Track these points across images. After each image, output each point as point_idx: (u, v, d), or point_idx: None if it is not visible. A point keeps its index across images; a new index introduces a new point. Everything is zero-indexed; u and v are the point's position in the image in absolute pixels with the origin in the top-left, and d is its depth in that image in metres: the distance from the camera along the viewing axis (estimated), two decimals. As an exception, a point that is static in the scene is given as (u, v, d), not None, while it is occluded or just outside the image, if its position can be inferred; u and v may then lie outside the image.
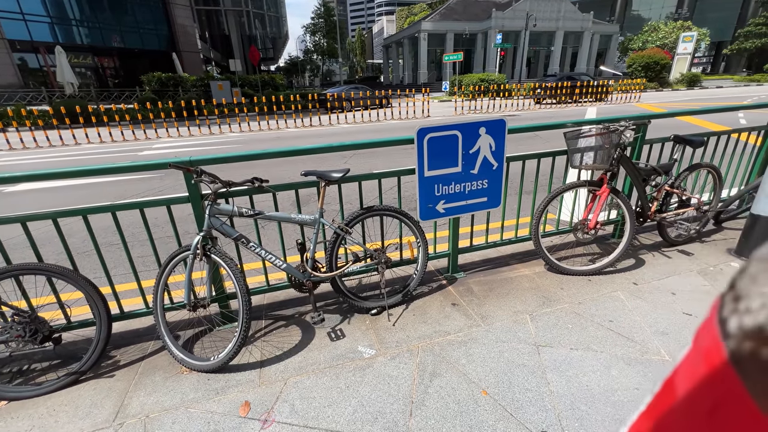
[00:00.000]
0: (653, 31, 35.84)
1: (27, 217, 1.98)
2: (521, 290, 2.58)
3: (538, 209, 2.68)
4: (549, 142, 7.48)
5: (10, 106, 14.25)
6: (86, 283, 1.96)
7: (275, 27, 54.39)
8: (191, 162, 2.00)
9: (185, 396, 1.83)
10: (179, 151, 9.10)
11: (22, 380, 1.99)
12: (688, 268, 2.79)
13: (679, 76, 27.79)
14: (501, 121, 2.40)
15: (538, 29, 32.91)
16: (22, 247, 2.07)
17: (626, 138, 2.55)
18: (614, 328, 2.17)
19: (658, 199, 2.92)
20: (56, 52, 16.71)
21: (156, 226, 2.23)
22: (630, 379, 1.81)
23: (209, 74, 25.09)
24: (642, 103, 17.02)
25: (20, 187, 5.82)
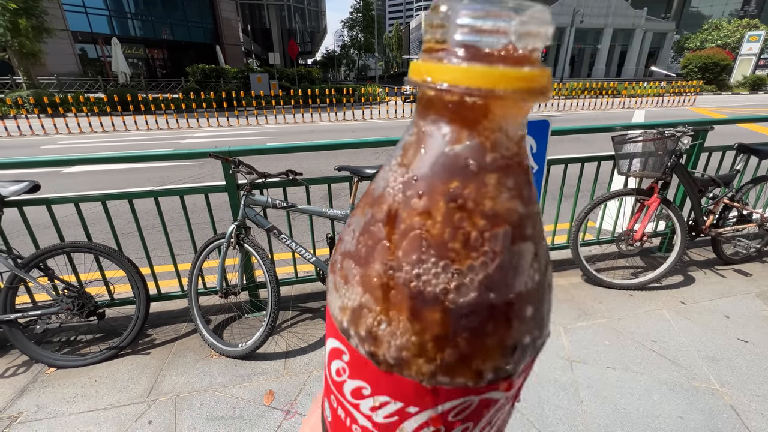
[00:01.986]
0: (714, 30, 33.14)
1: (79, 198, 2.11)
2: (555, 301, 2.46)
3: (579, 217, 2.54)
4: (592, 145, 7.10)
5: (71, 93, 15.40)
6: (129, 263, 2.06)
7: (314, 21, 55.23)
8: (230, 152, 2.04)
9: (213, 380, 1.89)
10: (218, 141, 9.46)
11: (69, 350, 2.13)
12: (745, 289, 2.55)
13: (742, 78, 25.56)
14: (544, 121, 2.28)
15: (585, 26, 31.35)
16: (73, 225, 2.21)
17: (683, 145, 2.35)
18: (657, 349, 2.02)
19: (715, 212, 2.68)
20: (112, 44, 17.84)
21: (193, 212, 2.32)
22: (674, 407, 1.68)
23: (249, 67, 25.92)
24: (697, 107, 15.81)
25: (75, 169, 6.26)
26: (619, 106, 16.44)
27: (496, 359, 0.18)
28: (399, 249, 0.17)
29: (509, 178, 0.17)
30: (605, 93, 18.49)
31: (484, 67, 0.15)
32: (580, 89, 18.92)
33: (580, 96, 18.65)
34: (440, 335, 0.17)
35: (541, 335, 0.20)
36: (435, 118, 0.17)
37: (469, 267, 0.17)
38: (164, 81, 22.73)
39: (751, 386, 1.77)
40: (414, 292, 0.17)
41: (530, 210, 0.18)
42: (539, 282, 0.19)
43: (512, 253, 0.17)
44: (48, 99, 13.32)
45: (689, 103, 17.25)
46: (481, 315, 0.17)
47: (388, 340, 0.18)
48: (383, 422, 0.20)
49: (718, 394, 1.73)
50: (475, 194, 0.17)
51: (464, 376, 0.18)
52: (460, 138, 0.17)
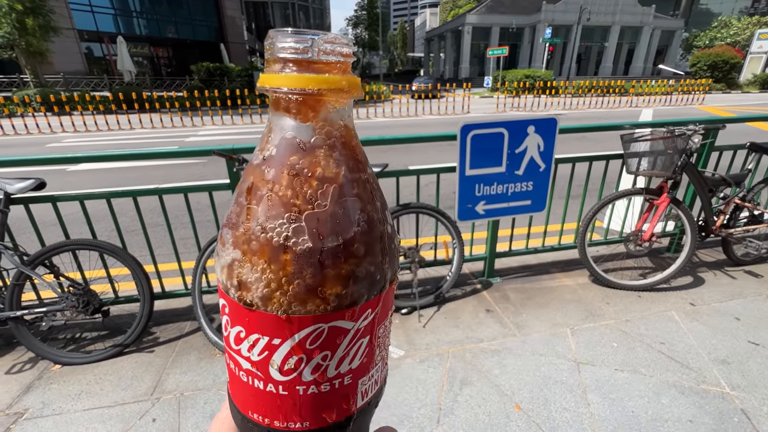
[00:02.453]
0: (723, 27, 32.66)
1: (84, 195, 2.11)
2: (562, 301, 2.43)
3: (587, 216, 2.50)
4: (599, 143, 7.03)
5: (77, 91, 15.50)
6: (133, 261, 2.06)
7: (318, 19, 55.17)
8: (234, 150, 2.03)
9: (217, 378, 1.88)
10: (222, 139, 9.48)
11: (74, 347, 2.13)
12: (756, 291, 2.50)
13: (752, 77, 25.18)
14: (552, 120, 2.24)
15: (592, 23, 31.00)
16: (79, 222, 2.21)
17: (693, 144, 2.31)
18: (666, 352, 1.98)
19: (726, 212, 2.63)
20: (118, 42, 17.93)
21: (197, 210, 2.32)
22: (683, 410, 1.65)
23: (253, 65, 25.93)
24: (706, 106, 15.61)
25: (80, 167, 6.30)
26: (626, 105, 16.27)
27: (335, 289, 0.23)
28: (257, 210, 0.23)
29: (335, 151, 0.23)
30: (612, 91, 18.29)
31: (297, 74, 0.22)
32: (586, 87, 18.74)
33: (586, 94, 18.47)
34: (289, 272, 0.22)
35: (376, 274, 0.24)
36: (275, 112, 0.23)
37: (307, 217, 0.22)
38: (169, 79, 22.81)
39: (762, 390, 1.74)
40: (270, 242, 0.22)
41: (355, 176, 0.24)
42: (368, 229, 0.24)
43: (339, 205, 0.23)
44: (54, 97, 13.41)
45: (698, 102, 17.03)
46: (318, 253, 0.22)
47: (252, 284, 0.23)
48: (258, 359, 0.24)
49: (728, 398, 1.70)
50: (308, 164, 0.22)
51: (311, 304, 0.22)
52: (293, 125, 0.23)
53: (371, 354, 0.26)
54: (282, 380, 0.24)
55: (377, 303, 0.25)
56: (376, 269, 0.24)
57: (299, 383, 0.24)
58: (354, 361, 0.25)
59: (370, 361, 0.27)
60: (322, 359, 0.24)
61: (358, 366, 0.25)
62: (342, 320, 0.23)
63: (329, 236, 0.22)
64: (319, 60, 0.22)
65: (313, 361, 0.23)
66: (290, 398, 0.24)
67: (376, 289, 0.25)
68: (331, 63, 0.22)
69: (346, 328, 0.24)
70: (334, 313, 0.23)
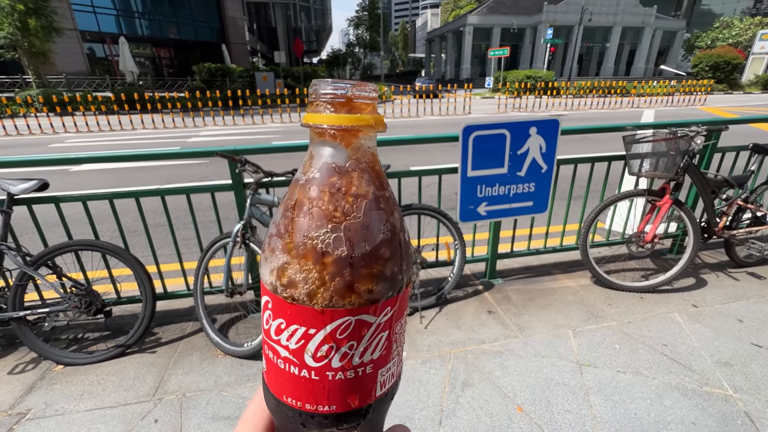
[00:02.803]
0: (725, 28, 32.61)
1: (87, 196, 2.12)
2: (564, 303, 2.43)
3: (589, 218, 2.50)
4: (599, 144, 7.02)
5: (79, 92, 15.55)
6: (135, 262, 2.07)
7: (320, 20, 55.24)
8: (236, 151, 2.04)
9: (219, 379, 1.88)
10: (224, 140, 9.50)
11: (77, 348, 2.14)
12: (759, 293, 2.50)
13: (754, 78, 25.14)
14: (554, 121, 2.24)
15: (593, 24, 30.97)
16: (81, 223, 2.21)
17: (696, 145, 2.30)
18: (669, 354, 1.98)
19: (728, 214, 2.62)
20: (120, 43, 17.98)
21: (199, 211, 2.32)
22: (686, 413, 1.64)
23: (255, 65, 25.97)
24: (708, 107, 15.58)
25: (83, 168, 6.31)
26: (628, 106, 16.25)
27: (363, 287, 0.27)
28: (303, 222, 0.27)
29: (365, 174, 0.28)
30: (614, 92, 18.27)
31: (335, 114, 0.27)
32: (588, 88, 18.73)
33: (588, 95, 18.46)
34: (327, 273, 0.26)
35: (396, 275, 0.29)
36: (317, 142, 0.28)
37: (345, 227, 0.27)
38: (171, 80, 22.87)
39: (765, 392, 1.73)
40: (313, 248, 0.27)
41: (381, 193, 0.29)
42: (391, 237, 0.29)
43: (369, 217, 0.28)
44: (56, 98, 13.46)
45: (700, 103, 16.99)
46: (352, 257, 0.27)
47: (295, 282, 0.27)
48: (295, 347, 0.28)
49: (731, 400, 1.69)
50: (345, 184, 0.28)
51: (343, 300, 0.27)
52: (332, 152, 0.28)
53: (389, 348, 0.31)
54: (315, 366, 0.28)
55: (396, 301, 0.30)
56: (396, 271, 0.29)
57: (329, 369, 0.28)
58: (375, 353, 0.29)
59: (389, 354, 0.31)
60: (349, 348, 0.28)
61: (378, 357, 0.30)
62: (367, 314, 0.28)
63: (361, 243, 0.27)
64: (352, 103, 0.27)
65: (341, 350, 0.28)
66: (320, 383, 0.28)
67: (395, 289, 0.29)
68: (361, 105, 0.28)
69: (370, 322, 0.28)
70: (361, 308, 0.27)
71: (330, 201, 0.27)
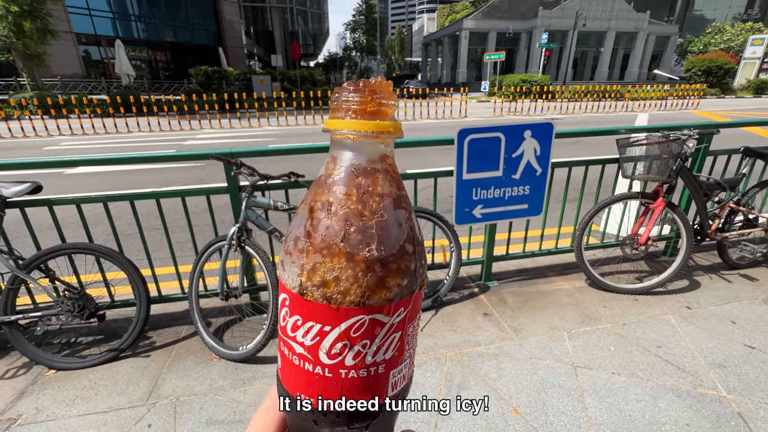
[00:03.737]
0: (717, 33, 33.12)
1: (81, 199, 2.10)
2: (559, 305, 2.44)
3: (583, 220, 2.52)
4: (594, 148, 7.08)
5: (74, 94, 15.48)
6: (130, 265, 2.05)
7: (317, 23, 55.41)
8: (232, 154, 2.03)
9: (213, 383, 1.87)
10: (220, 143, 9.48)
11: (69, 352, 2.12)
12: (752, 294, 2.52)
13: (745, 82, 25.48)
14: (548, 124, 2.26)
15: (588, 29, 31.27)
16: (75, 225, 2.20)
17: (688, 148, 2.33)
18: (663, 355, 1.99)
19: (721, 216, 2.65)
20: (116, 46, 17.93)
21: (194, 213, 2.31)
22: (680, 414, 1.65)
23: (252, 69, 25.99)
24: (700, 111, 15.76)
25: (77, 170, 6.27)
26: (622, 110, 16.41)
27: (377, 286, 0.27)
28: (324, 222, 0.28)
29: (387, 174, 0.30)
30: (608, 96, 18.45)
31: (356, 120, 0.28)
32: (583, 92, 18.89)
33: (583, 99, 18.62)
34: (344, 271, 0.27)
35: (412, 275, 0.29)
36: (341, 147, 0.30)
37: (365, 227, 0.27)
38: (167, 83, 22.82)
39: (759, 394, 1.74)
40: (334, 246, 0.27)
41: (401, 193, 0.30)
42: (410, 236, 0.30)
43: (390, 217, 0.29)
44: (51, 100, 13.39)
45: (693, 107, 17.19)
46: (372, 257, 0.27)
47: (315, 280, 0.28)
48: (310, 344, 0.29)
49: (725, 402, 1.70)
50: (371, 183, 0.29)
51: (358, 298, 0.27)
52: (353, 156, 0.29)
53: (402, 349, 0.31)
54: (328, 363, 0.29)
55: (409, 302, 0.30)
56: (412, 271, 0.30)
57: (342, 367, 0.28)
58: (387, 353, 0.30)
59: (400, 355, 0.31)
60: (362, 347, 0.28)
61: (390, 358, 0.30)
62: (381, 314, 0.28)
63: (380, 243, 0.28)
64: (372, 110, 0.29)
65: (354, 348, 0.28)
66: (333, 380, 0.29)
67: (410, 290, 0.30)
68: (380, 111, 0.29)
69: (384, 322, 0.29)
70: (375, 307, 0.28)
71: (352, 202, 0.28)
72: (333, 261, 0.27)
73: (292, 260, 0.29)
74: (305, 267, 0.28)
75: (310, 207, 0.30)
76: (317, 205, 0.29)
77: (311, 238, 0.28)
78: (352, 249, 0.27)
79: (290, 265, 0.29)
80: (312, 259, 0.28)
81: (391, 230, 0.28)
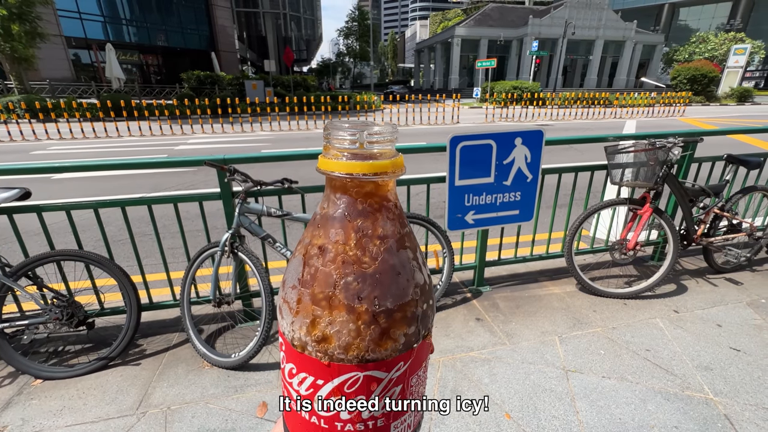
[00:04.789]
0: (702, 43, 34.02)
1: (71, 205, 2.08)
2: (550, 309, 2.47)
3: (573, 226, 2.56)
4: (584, 154, 7.19)
5: (63, 98, 15.27)
6: (120, 272, 2.03)
7: (310, 29, 55.64)
8: (225, 160, 2.03)
9: (205, 391, 1.85)
10: (212, 148, 9.43)
11: (57, 361, 2.08)
12: (737, 298, 2.58)
13: (729, 90, 26.17)
14: (538, 132, 2.31)
15: (577, 37, 31.92)
16: (64, 231, 2.17)
17: (674, 155, 2.39)
18: (651, 359, 2.02)
19: (706, 222, 2.72)
20: (107, 49, 17.77)
21: (187, 219, 2.30)
22: (668, 416, 1.68)
23: (245, 74, 25.91)
24: (686, 118, 16.13)
25: (66, 175, 6.18)
26: (610, 116, 16.73)
27: (373, 345, 0.25)
28: (328, 270, 0.26)
29: (388, 213, 0.27)
30: (597, 103, 18.79)
31: (351, 162, 0.25)
32: (572, 99, 19.21)
33: (572, 106, 18.93)
34: (334, 325, 0.25)
35: (414, 328, 0.27)
36: (336, 189, 0.27)
37: (374, 271, 0.25)
38: (158, 87, 22.63)
39: (744, 395, 1.78)
40: (335, 297, 0.25)
41: (405, 230, 0.28)
42: (416, 276, 0.27)
43: (398, 257, 0.26)
44: (40, 104, 13.18)
45: (679, 114, 17.60)
46: (367, 311, 0.25)
47: (304, 332, 0.26)
48: (305, 393, 0.28)
49: (712, 404, 1.74)
50: (371, 225, 0.26)
51: (350, 354, 0.25)
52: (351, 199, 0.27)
53: (403, 401, 0.29)
54: (324, 415, 0.27)
55: (410, 356, 0.28)
56: (416, 318, 0.27)
57: (338, 420, 0.27)
58: (387, 407, 0.28)
59: (402, 407, 0.29)
60: (358, 402, 0.27)
61: (391, 411, 0.28)
62: (377, 371, 0.26)
63: (383, 292, 0.26)
64: (367, 149, 0.26)
65: (349, 403, 0.27)
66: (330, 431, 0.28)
67: (409, 344, 0.27)
68: (376, 152, 0.26)
69: (380, 378, 0.27)
70: (370, 364, 0.26)
71: (350, 248, 0.26)
72: (326, 314, 0.25)
73: (289, 308, 0.28)
74: (297, 317, 0.27)
75: (306, 252, 0.28)
76: (312, 251, 0.27)
77: (304, 287, 0.27)
78: (348, 301, 0.25)
79: (286, 313, 0.28)
80: (304, 310, 0.26)
81: (392, 277, 0.26)
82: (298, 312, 0.27)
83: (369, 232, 0.26)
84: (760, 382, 1.85)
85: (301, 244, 0.28)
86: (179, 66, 27.58)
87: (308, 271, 0.27)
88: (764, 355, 2.04)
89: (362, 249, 0.26)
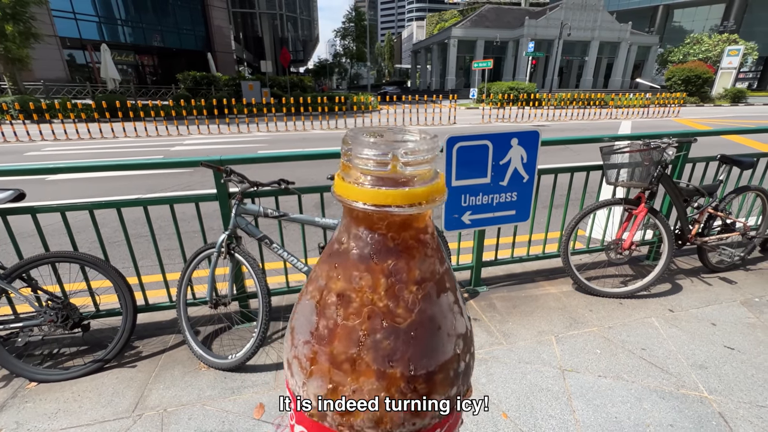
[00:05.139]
0: (696, 44, 34.33)
1: (66, 207, 2.06)
2: (547, 309, 2.48)
3: (569, 226, 2.57)
4: (580, 154, 7.23)
5: (58, 99, 15.16)
6: (116, 273, 2.02)
7: (306, 30, 55.63)
8: (221, 161, 2.03)
9: (202, 393, 1.84)
10: (208, 149, 9.39)
11: (52, 363, 2.06)
12: (731, 297, 2.60)
13: (723, 91, 26.43)
14: (534, 132, 2.32)
15: (572, 39, 32.11)
16: (59, 233, 2.16)
17: (668, 156, 2.41)
18: (647, 357, 2.04)
19: (700, 221, 2.74)
20: (102, 50, 17.67)
21: (183, 221, 2.29)
22: (664, 415, 1.69)
23: (241, 74, 25.85)
24: (681, 119, 16.26)
25: (61, 177, 6.13)
26: (606, 117, 16.83)
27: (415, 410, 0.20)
28: (352, 324, 0.20)
29: (425, 248, 0.21)
30: (593, 103, 18.90)
31: (376, 190, 0.19)
32: (568, 100, 19.32)
33: (568, 106, 19.04)
34: (370, 394, 0.20)
35: (457, 384, 0.21)
36: (358, 221, 0.21)
37: (409, 327, 0.19)
38: (154, 88, 22.55)
39: (738, 393, 1.80)
40: (361, 359, 0.20)
41: (444, 267, 0.22)
42: (457, 326, 0.21)
43: (438, 304, 0.20)
44: (34, 105, 13.08)
45: (674, 114, 17.74)
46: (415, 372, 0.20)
47: (319, 396, 0.21)
48: None
49: (706, 402, 1.75)
50: (404, 267, 0.20)
51: (381, 428, 0.20)
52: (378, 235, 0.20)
53: None
54: None
55: (449, 419, 0.22)
56: (456, 378, 0.22)
57: None
58: None
59: None
60: None
61: None
62: None
63: (420, 354, 0.20)
64: (399, 173, 0.19)
65: None
66: None
67: (452, 408, 0.22)
68: (411, 174, 0.19)
69: None
70: None
71: (374, 300, 0.20)
72: (350, 380, 0.20)
73: (300, 366, 0.23)
74: (312, 380, 0.22)
75: (320, 298, 0.22)
76: (329, 298, 0.21)
77: (320, 345, 0.21)
78: (377, 365, 0.20)
79: (297, 371, 0.23)
80: (320, 372, 0.21)
81: (431, 332, 0.20)
82: (312, 373, 0.22)
83: (403, 276, 0.20)
84: (754, 380, 1.87)
85: (313, 284, 0.22)
86: (175, 67, 27.47)
87: (325, 324, 0.21)
88: (758, 353, 2.06)
89: (395, 298, 0.20)
